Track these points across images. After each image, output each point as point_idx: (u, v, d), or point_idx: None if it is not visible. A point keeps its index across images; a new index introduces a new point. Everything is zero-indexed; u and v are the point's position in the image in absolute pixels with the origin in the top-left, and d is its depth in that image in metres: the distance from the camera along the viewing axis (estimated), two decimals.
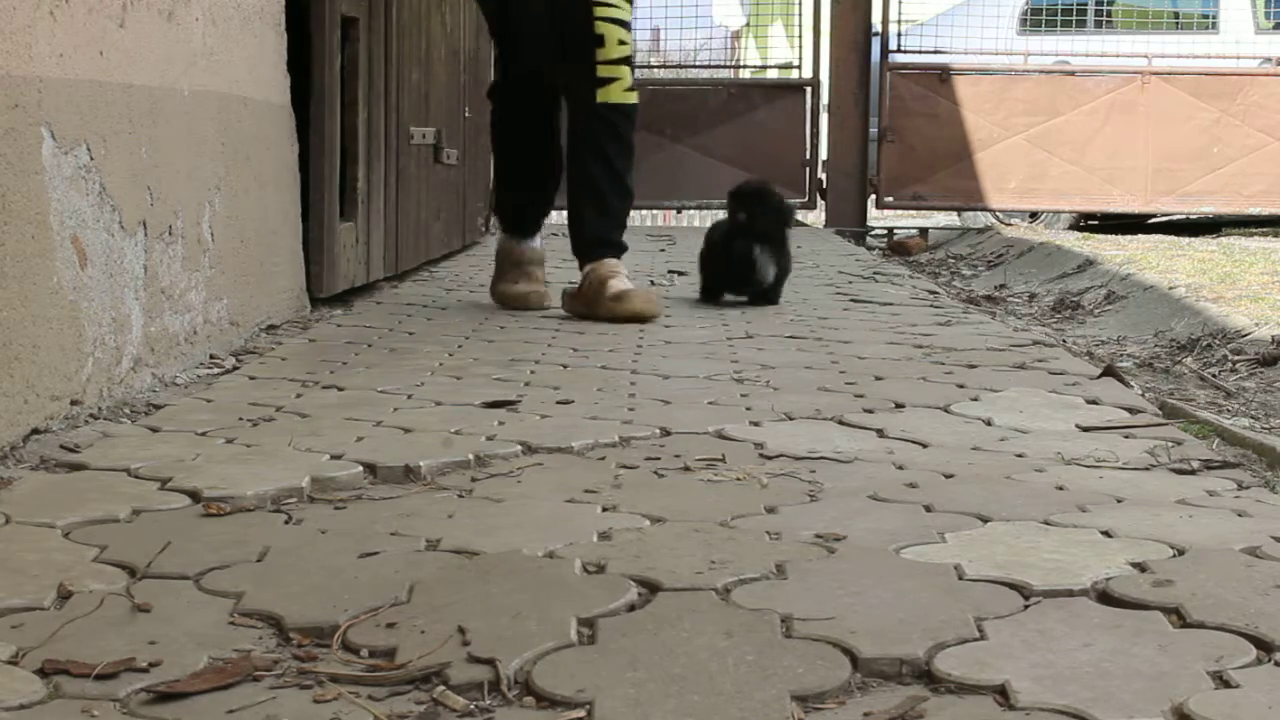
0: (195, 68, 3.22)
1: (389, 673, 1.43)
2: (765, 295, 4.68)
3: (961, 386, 3.09)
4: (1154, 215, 9.70)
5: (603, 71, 4.19)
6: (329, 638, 1.52)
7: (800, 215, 10.13)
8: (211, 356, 3.29)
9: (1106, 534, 1.92)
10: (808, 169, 9.06)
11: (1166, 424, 2.70)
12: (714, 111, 8.98)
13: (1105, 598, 1.65)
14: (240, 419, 2.63)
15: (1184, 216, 9.86)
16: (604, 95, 4.19)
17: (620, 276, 4.25)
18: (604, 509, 2.04)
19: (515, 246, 4.53)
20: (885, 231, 9.37)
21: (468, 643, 1.49)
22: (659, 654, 1.47)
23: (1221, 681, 1.40)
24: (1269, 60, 9.26)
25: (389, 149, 4.94)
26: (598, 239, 4.28)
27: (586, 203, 4.30)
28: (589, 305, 4.20)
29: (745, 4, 12.37)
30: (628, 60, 4.24)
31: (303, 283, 4.15)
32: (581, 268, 4.31)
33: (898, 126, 8.84)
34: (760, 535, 1.91)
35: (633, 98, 4.26)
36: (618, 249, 4.32)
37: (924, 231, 9.22)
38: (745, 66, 12.38)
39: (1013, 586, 1.68)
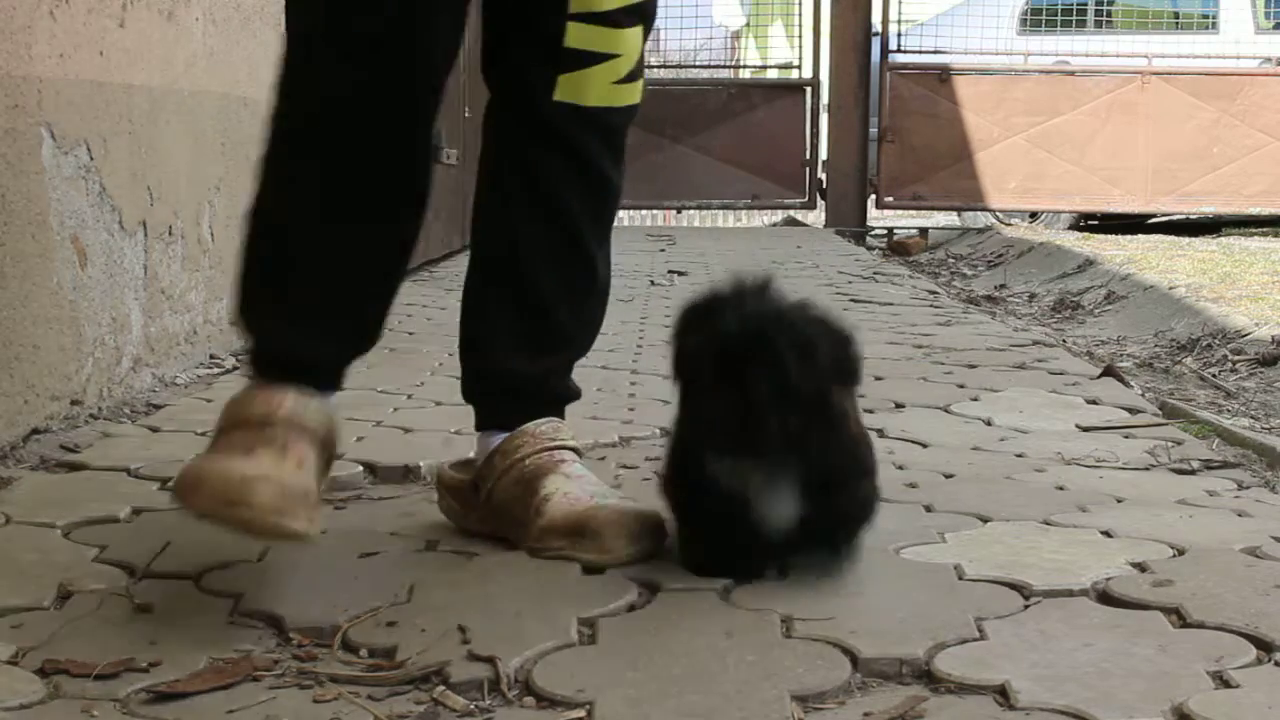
0: (195, 68, 3.22)
1: (389, 673, 1.43)
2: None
3: (961, 386, 3.09)
4: (1154, 215, 9.70)
5: (579, 36, 1.87)
6: (329, 638, 1.52)
7: (800, 215, 10.15)
8: (211, 356, 3.29)
9: (1106, 534, 1.92)
10: (808, 169, 9.06)
11: (1166, 424, 2.70)
12: (714, 111, 8.98)
13: (1105, 598, 1.65)
14: None
15: (1184, 216, 9.85)
16: (574, 88, 1.88)
17: (565, 467, 1.92)
18: None
19: (257, 394, 1.76)
20: (885, 231, 9.37)
21: (468, 642, 1.49)
22: (659, 654, 1.47)
23: (1221, 681, 1.40)
24: (1269, 60, 9.26)
25: None
26: (519, 387, 1.98)
27: (514, 316, 1.99)
28: (507, 519, 1.89)
29: (745, 4, 12.38)
30: (642, 10, 1.91)
31: None
32: (483, 429, 2.00)
33: (898, 126, 8.84)
34: None
35: (633, 93, 1.92)
36: (555, 408, 2.00)
37: (924, 231, 9.22)
38: (745, 66, 12.37)
39: (1013, 586, 1.68)
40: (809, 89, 9.08)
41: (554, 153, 1.90)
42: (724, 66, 12.09)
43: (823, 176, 9.17)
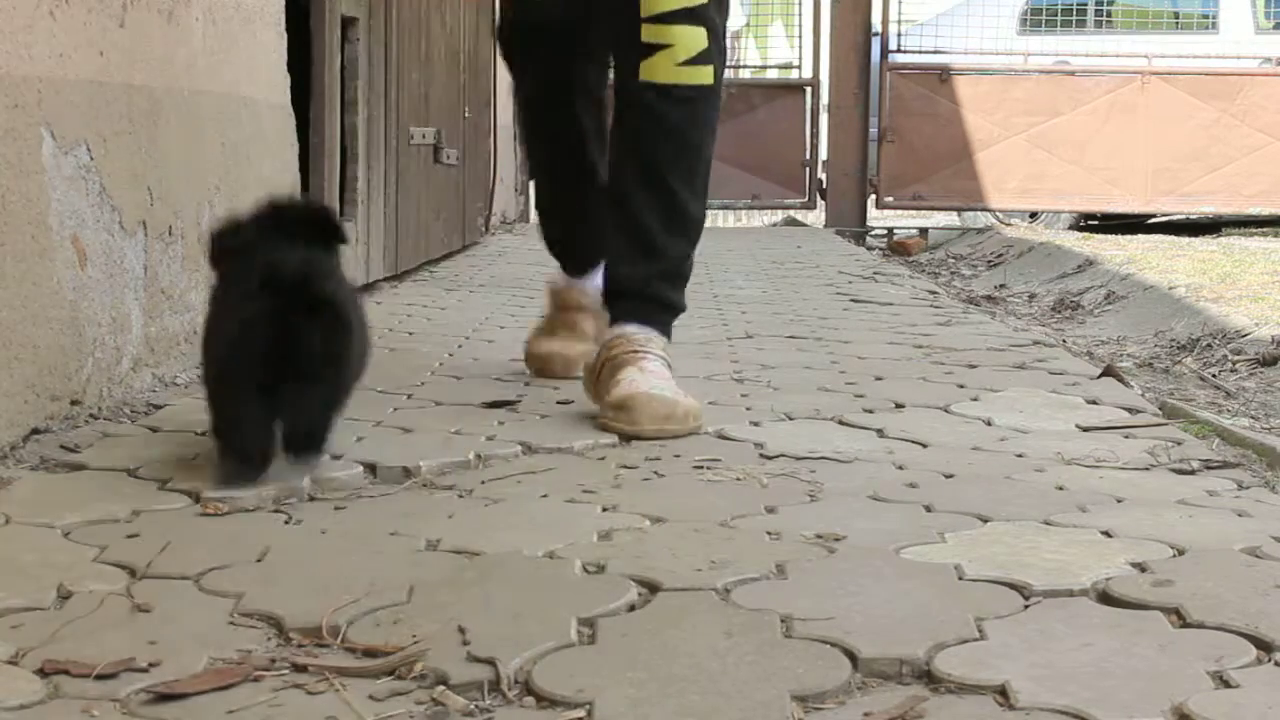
0: (195, 68, 3.22)
1: (388, 672, 1.43)
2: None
3: (961, 386, 3.09)
4: (1154, 215, 9.71)
5: (648, 33, 2.62)
6: (329, 638, 1.52)
7: (800, 215, 10.15)
8: None
9: (1106, 534, 1.92)
10: (808, 169, 9.06)
11: (1166, 424, 2.70)
12: None
13: (1105, 598, 1.65)
14: None
15: (1184, 216, 9.86)
16: (649, 70, 2.64)
17: (644, 363, 2.62)
18: (604, 509, 2.04)
19: (558, 287, 3.15)
20: (885, 231, 9.37)
21: (468, 643, 1.49)
22: (659, 654, 1.47)
23: (1221, 681, 1.40)
24: (1269, 60, 9.27)
25: (389, 149, 4.94)
26: (625, 289, 2.73)
27: (618, 233, 2.75)
28: (594, 394, 2.68)
29: (745, 4, 12.38)
30: (691, 15, 2.63)
31: None
32: (610, 325, 2.77)
33: (898, 126, 8.84)
34: (760, 535, 1.90)
35: (700, 75, 2.65)
36: (659, 311, 2.74)
37: (924, 231, 9.22)
38: (745, 66, 12.38)
39: (1013, 586, 1.68)
40: (809, 89, 9.08)
41: (642, 117, 2.68)
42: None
43: (823, 176, 9.17)
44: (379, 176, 4.82)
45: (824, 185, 9.17)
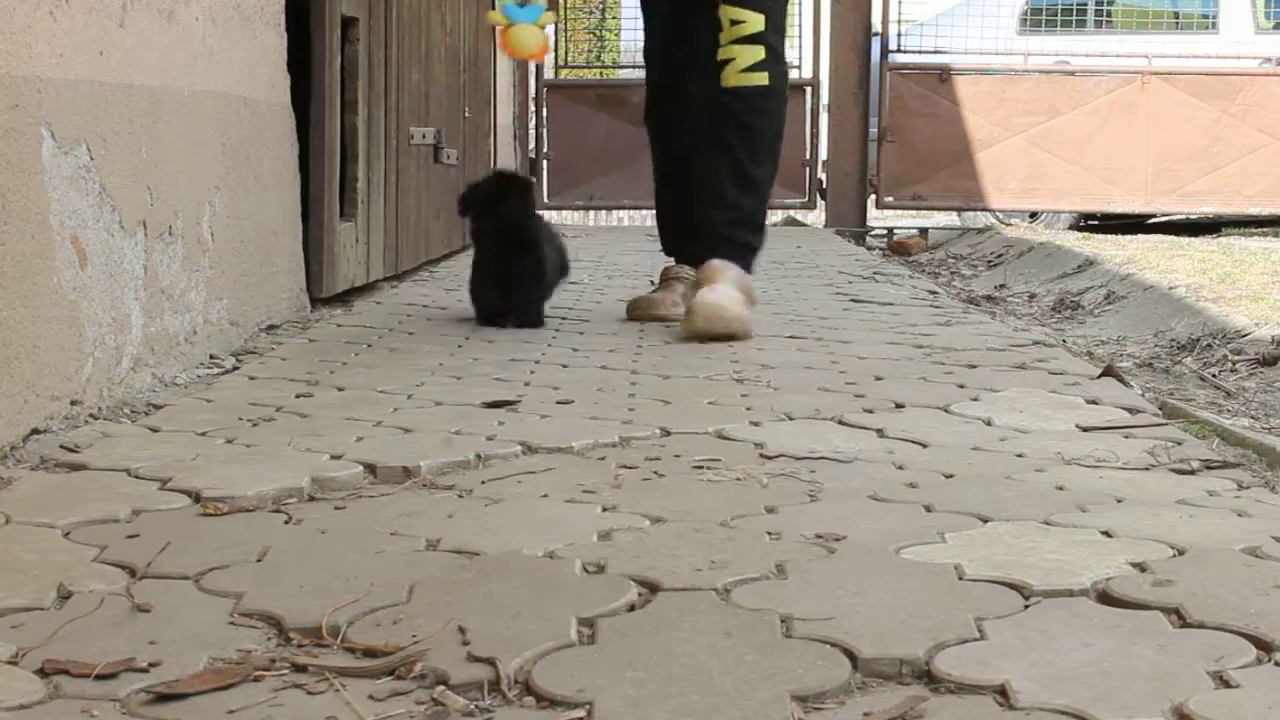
0: (195, 68, 3.22)
1: (388, 672, 1.43)
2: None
3: (961, 386, 3.09)
4: (1154, 215, 9.71)
5: (721, 53, 3.76)
6: (329, 638, 1.52)
7: (800, 215, 10.15)
8: (211, 356, 3.29)
9: (1106, 534, 1.92)
10: (808, 169, 9.06)
11: (1166, 424, 2.70)
12: None
13: (1105, 598, 1.65)
14: (240, 419, 2.63)
15: (1184, 216, 9.86)
16: (722, 79, 3.76)
17: (715, 285, 3.70)
18: (604, 509, 2.04)
19: (666, 265, 4.30)
20: (885, 231, 9.37)
21: (468, 643, 1.49)
22: (659, 654, 1.47)
23: (1221, 681, 1.40)
24: (1269, 60, 9.27)
25: (389, 149, 4.93)
26: (706, 233, 3.84)
27: (701, 193, 3.88)
28: (686, 318, 3.75)
29: None
30: (751, 39, 3.76)
31: (303, 283, 4.15)
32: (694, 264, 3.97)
33: (898, 126, 8.84)
34: (760, 535, 1.90)
35: (757, 78, 3.76)
36: (736, 249, 3.81)
37: (924, 231, 9.22)
38: None
39: (1013, 586, 1.68)
40: (809, 89, 9.08)
41: (718, 111, 3.80)
42: None
43: (823, 176, 9.17)
44: (379, 176, 4.82)
45: (824, 185, 9.17)
